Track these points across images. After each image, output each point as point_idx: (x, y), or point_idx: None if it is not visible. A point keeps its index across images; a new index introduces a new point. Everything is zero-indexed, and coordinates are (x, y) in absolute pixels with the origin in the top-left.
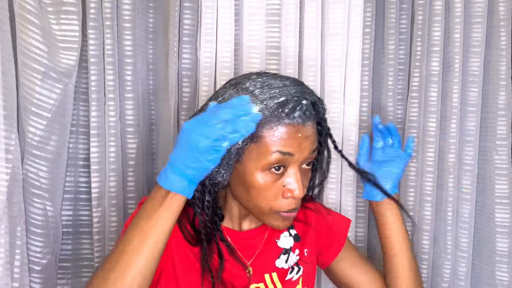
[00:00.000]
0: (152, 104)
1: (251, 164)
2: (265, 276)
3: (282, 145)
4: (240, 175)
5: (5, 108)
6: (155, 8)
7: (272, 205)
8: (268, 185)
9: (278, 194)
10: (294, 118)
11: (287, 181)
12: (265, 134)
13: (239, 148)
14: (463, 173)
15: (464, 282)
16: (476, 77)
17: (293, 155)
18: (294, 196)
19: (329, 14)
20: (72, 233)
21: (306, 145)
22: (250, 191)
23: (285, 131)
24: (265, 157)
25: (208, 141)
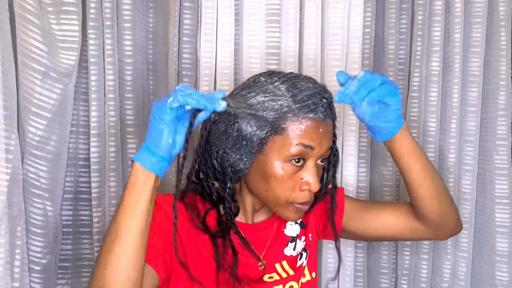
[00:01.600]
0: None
1: (273, 155)
2: (276, 266)
3: (305, 138)
4: (261, 165)
5: (5, 108)
6: (155, 8)
7: (289, 196)
8: (288, 176)
9: (296, 186)
10: (317, 114)
11: (305, 174)
12: (289, 127)
13: (262, 138)
14: (463, 173)
15: (464, 282)
16: (476, 77)
17: (313, 149)
18: (311, 189)
19: (329, 14)
20: (72, 233)
21: (325, 140)
22: (270, 181)
23: (309, 125)
24: (288, 148)
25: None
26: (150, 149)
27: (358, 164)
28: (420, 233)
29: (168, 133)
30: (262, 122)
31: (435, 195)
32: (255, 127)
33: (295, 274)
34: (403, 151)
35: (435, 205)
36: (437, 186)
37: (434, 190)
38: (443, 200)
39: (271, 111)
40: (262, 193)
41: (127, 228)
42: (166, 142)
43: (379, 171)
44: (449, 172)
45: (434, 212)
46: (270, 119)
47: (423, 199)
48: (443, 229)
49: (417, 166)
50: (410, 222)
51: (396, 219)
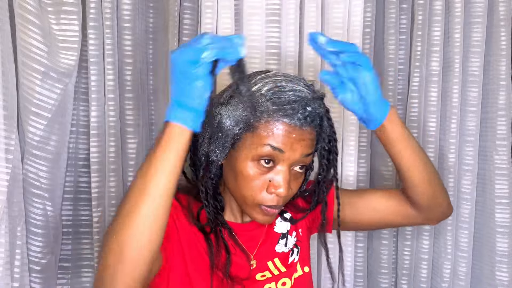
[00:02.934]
0: (152, 104)
1: (243, 152)
2: (268, 264)
3: (275, 140)
4: (233, 162)
5: (5, 108)
6: (155, 8)
7: (255, 197)
8: (255, 176)
9: (263, 187)
10: (294, 119)
11: (273, 177)
12: (261, 126)
13: (236, 133)
14: (463, 173)
15: (464, 282)
16: (476, 77)
17: (283, 152)
18: (277, 193)
19: (329, 14)
20: (72, 233)
21: (299, 147)
22: (238, 178)
23: (281, 128)
24: (257, 147)
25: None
26: (187, 105)
27: (358, 164)
28: (412, 218)
29: (205, 88)
30: (240, 118)
31: (427, 179)
32: (232, 122)
33: (287, 270)
34: (394, 136)
35: (426, 189)
36: (428, 170)
37: (426, 174)
38: (434, 183)
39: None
40: (232, 190)
41: (160, 185)
42: (204, 97)
43: (379, 171)
44: (449, 172)
45: (425, 196)
46: (247, 116)
47: (415, 183)
48: (434, 213)
49: (408, 151)
50: (401, 207)
51: (387, 203)
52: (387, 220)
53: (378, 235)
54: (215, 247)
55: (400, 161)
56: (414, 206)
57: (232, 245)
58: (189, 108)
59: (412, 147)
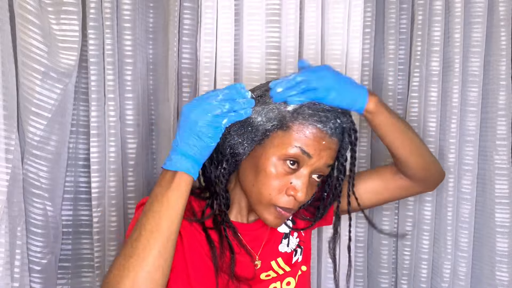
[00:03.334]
0: (152, 104)
1: (270, 150)
2: (272, 263)
3: (306, 143)
4: (256, 157)
5: (5, 108)
6: (155, 8)
7: (273, 197)
8: (278, 176)
9: (283, 189)
10: (326, 126)
11: (295, 179)
12: (295, 127)
13: (267, 129)
14: (463, 173)
15: (464, 282)
16: (476, 77)
17: (311, 157)
18: (296, 197)
19: (329, 14)
20: (72, 233)
21: (325, 155)
22: (259, 175)
23: (314, 133)
24: (287, 147)
25: (208, 117)
26: (194, 158)
27: (359, 163)
28: (411, 189)
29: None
30: (274, 115)
31: (416, 153)
32: (264, 118)
33: (291, 270)
34: (377, 123)
35: (418, 161)
36: (416, 147)
37: (415, 151)
38: (424, 157)
39: (283, 105)
40: (249, 187)
41: (171, 225)
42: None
43: None
44: (449, 172)
45: (418, 168)
46: (281, 113)
47: (405, 159)
48: (430, 180)
49: (392, 135)
50: (398, 182)
51: (385, 183)
52: (387, 197)
53: (378, 235)
54: (219, 248)
55: (388, 142)
56: (410, 179)
57: (237, 245)
58: (196, 161)
59: (396, 130)
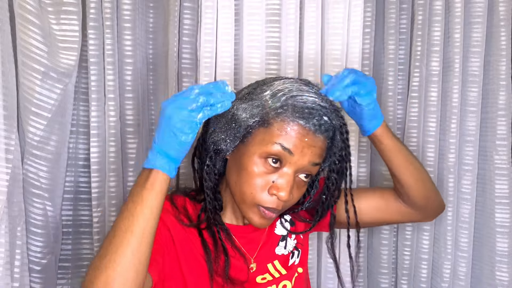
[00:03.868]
0: (152, 104)
1: (252, 147)
2: (268, 266)
3: (286, 140)
4: (239, 155)
5: (5, 108)
6: (155, 8)
7: (255, 196)
8: (260, 174)
9: (265, 187)
10: (309, 123)
11: (278, 179)
12: (276, 124)
13: (250, 125)
14: (463, 173)
15: (464, 282)
16: (476, 77)
17: (292, 154)
18: (279, 196)
19: (329, 14)
20: (72, 233)
21: (308, 152)
22: (241, 173)
23: (295, 129)
24: (267, 144)
25: (182, 112)
26: (170, 156)
27: (358, 164)
28: (409, 216)
29: (191, 142)
30: (256, 112)
31: (419, 181)
32: (248, 114)
33: (288, 273)
34: (383, 147)
35: (419, 190)
36: (419, 174)
37: (418, 177)
38: (426, 185)
39: (268, 101)
40: (233, 186)
41: (145, 225)
42: (188, 148)
43: (379, 171)
44: (449, 172)
45: (419, 196)
46: (264, 110)
47: (407, 186)
48: (430, 210)
49: (398, 159)
50: (398, 207)
51: (386, 204)
52: (386, 218)
53: (378, 235)
54: (214, 252)
55: (391, 167)
56: (410, 206)
57: (231, 248)
58: (172, 159)
59: (401, 155)
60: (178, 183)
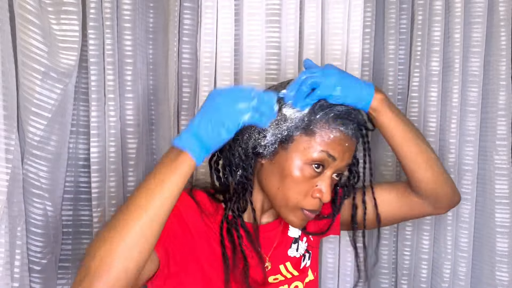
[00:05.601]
0: (152, 104)
1: (296, 154)
2: (280, 267)
3: (331, 147)
4: (281, 162)
5: (5, 108)
6: (155, 8)
7: (300, 200)
8: (304, 179)
9: (309, 192)
10: (347, 129)
11: (320, 182)
12: (319, 132)
13: (291, 132)
14: (463, 173)
15: (464, 282)
16: (476, 77)
17: (335, 160)
18: (322, 198)
19: (329, 14)
20: (72, 233)
21: (347, 156)
22: (285, 180)
23: (337, 136)
24: (312, 152)
25: (234, 106)
26: (205, 143)
27: None
28: (420, 207)
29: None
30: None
31: (425, 164)
32: (290, 122)
33: (299, 275)
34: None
35: (426, 174)
36: (426, 155)
37: (423, 159)
38: (434, 168)
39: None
40: (273, 191)
41: (161, 205)
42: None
43: (379, 171)
44: (449, 172)
45: (428, 182)
46: (305, 118)
47: (413, 168)
48: (441, 200)
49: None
50: (408, 199)
51: (395, 197)
52: (400, 213)
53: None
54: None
55: (394, 147)
56: (419, 196)
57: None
58: (205, 147)
59: (404, 134)
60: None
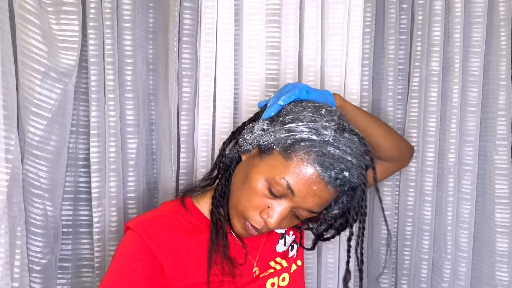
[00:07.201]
0: (152, 104)
1: (265, 167)
2: (271, 264)
3: (296, 181)
4: (251, 165)
5: (5, 108)
6: (155, 8)
7: (247, 210)
8: (259, 194)
9: (259, 208)
10: (326, 173)
11: (274, 206)
12: (296, 160)
13: (272, 143)
14: (463, 173)
15: (464, 282)
16: (476, 77)
17: (294, 196)
18: (267, 222)
19: (329, 14)
20: (72, 233)
21: (309, 200)
22: (245, 184)
23: (310, 174)
24: (278, 174)
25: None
26: None
27: None
28: (390, 169)
29: None
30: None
31: (387, 135)
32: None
33: (288, 265)
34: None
35: (390, 143)
36: (386, 128)
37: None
38: (394, 136)
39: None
40: (233, 188)
41: None
42: None
43: None
44: (449, 172)
45: (392, 148)
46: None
47: (380, 142)
48: (403, 157)
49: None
50: (380, 166)
51: None
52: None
53: (378, 235)
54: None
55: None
56: (388, 160)
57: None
58: None
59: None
60: (178, 183)
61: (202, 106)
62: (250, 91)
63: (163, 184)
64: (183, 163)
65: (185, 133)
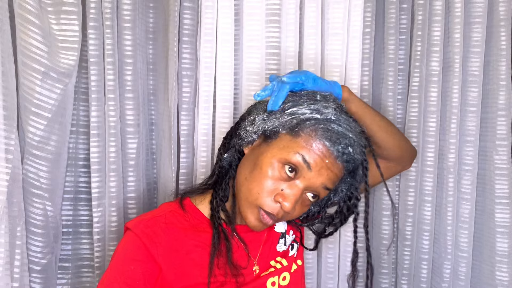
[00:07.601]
0: (152, 104)
1: (274, 150)
2: (271, 263)
3: (309, 154)
4: (258, 153)
5: (5, 108)
6: (155, 8)
7: (260, 197)
8: (272, 177)
9: (272, 192)
10: (333, 147)
11: (287, 188)
12: (304, 136)
13: (277, 127)
14: (463, 173)
15: (464, 282)
16: (476, 77)
17: (310, 170)
18: (283, 205)
19: (329, 14)
20: (72, 233)
21: (324, 174)
22: (254, 171)
23: (320, 149)
24: (290, 152)
25: None
26: None
27: None
28: (392, 168)
29: None
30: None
31: (391, 133)
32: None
33: (288, 265)
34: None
35: (393, 141)
36: (390, 126)
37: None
38: (397, 135)
39: (304, 114)
40: (240, 180)
41: None
42: None
43: None
44: (449, 172)
45: (394, 147)
46: (297, 119)
47: (383, 139)
48: (405, 157)
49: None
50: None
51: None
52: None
53: (378, 234)
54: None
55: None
56: (390, 160)
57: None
58: None
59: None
60: (178, 183)
61: (202, 106)
62: (250, 91)
63: (163, 184)
64: (183, 163)
65: (185, 133)
